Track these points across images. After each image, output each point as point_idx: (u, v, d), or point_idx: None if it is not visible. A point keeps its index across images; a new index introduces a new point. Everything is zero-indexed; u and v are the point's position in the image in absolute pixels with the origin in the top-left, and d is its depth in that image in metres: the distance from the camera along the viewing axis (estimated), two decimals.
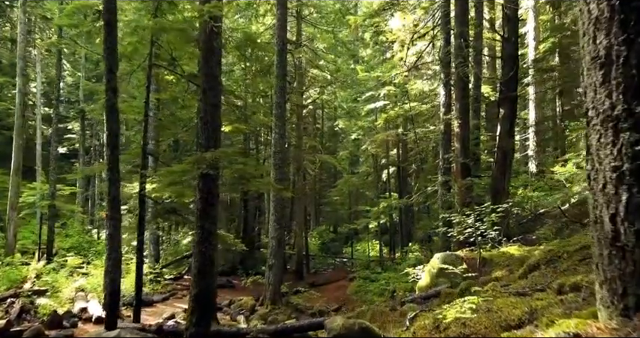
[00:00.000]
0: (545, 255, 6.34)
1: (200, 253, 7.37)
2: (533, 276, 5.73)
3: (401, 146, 24.98)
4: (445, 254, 9.42)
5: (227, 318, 13.32)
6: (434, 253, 18.19)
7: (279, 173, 14.72)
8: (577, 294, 3.70)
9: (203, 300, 7.28)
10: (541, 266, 6.19)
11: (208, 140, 7.51)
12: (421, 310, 5.53)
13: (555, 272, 5.65)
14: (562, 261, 5.94)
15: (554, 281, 5.07)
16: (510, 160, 13.18)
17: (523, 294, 4.62)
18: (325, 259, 27.10)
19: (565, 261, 5.88)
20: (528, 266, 6.39)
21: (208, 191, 7.50)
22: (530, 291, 4.77)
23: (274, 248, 14.56)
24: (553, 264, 6.07)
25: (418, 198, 14.60)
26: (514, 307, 3.90)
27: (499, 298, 4.50)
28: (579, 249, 5.95)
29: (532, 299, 4.13)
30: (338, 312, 15.40)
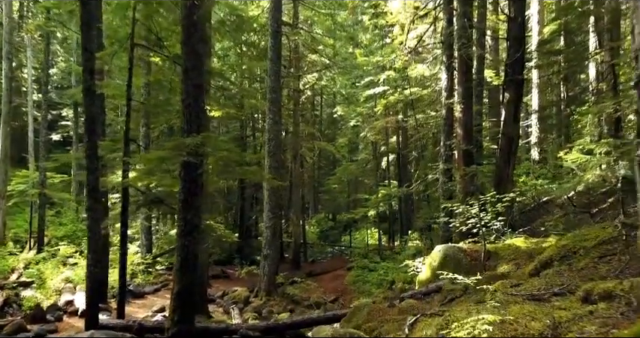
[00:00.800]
0: (559, 251, 5.72)
1: (182, 247, 6.76)
2: (547, 275, 5.11)
3: (401, 133, 24.27)
4: (446, 246, 8.81)
5: (220, 310, 12.79)
6: (434, 242, 17.67)
7: (274, 161, 14.09)
8: (609, 304, 3.08)
9: (185, 298, 6.68)
10: (555, 262, 5.58)
11: (190, 125, 6.84)
12: (421, 314, 4.93)
13: (571, 270, 5.04)
14: (578, 257, 5.32)
15: (573, 282, 4.46)
16: (515, 147, 12.51)
17: (540, 298, 4.01)
18: (323, 247, 26.59)
19: (581, 257, 5.26)
20: (540, 262, 5.78)
21: (191, 179, 6.86)
22: (547, 294, 4.16)
23: (269, 238, 13.99)
24: (567, 260, 5.46)
25: (418, 187, 13.97)
26: (533, 318, 3.29)
27: (513, 304, 3.88)
28: (597, 245, 5.33)
29: (553, 307, 3.52)
30: (335, 303, 14.90)
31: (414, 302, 7.48)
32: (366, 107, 24.20)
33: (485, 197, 8.34)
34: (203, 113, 6.99)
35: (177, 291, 6.70)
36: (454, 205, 9.31)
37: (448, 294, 7.13)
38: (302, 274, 18.40)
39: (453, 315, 3.96)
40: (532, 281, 5.07)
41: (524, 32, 13.20)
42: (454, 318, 3.88)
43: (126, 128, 9.11)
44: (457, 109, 12.80)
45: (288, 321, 8.23)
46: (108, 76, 19.82)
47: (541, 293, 4.26)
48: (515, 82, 12.42)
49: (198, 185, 6.97)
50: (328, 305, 14.21)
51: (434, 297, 7.52)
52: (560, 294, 4.03)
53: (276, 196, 14.09)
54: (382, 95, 22.02)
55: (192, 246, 6.82)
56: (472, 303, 5.25)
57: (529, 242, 8.56)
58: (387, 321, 6.67)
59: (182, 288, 6.72)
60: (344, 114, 27.98)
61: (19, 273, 14.26)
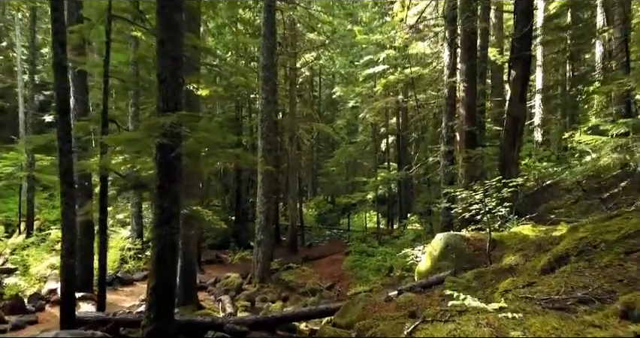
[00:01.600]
0: (576, 243, 5.05)
1: (159, 237, 6.10)
2: (565, 273, 4.45)
3: (401, 114, 23.50)
4: (448, 234, 8.17)
5: (212, 298, 12.24)
6: (434, 227, 17.08)
7: (267, 143, 13.39)
8: None
9: (163, 293, 6.06)
10: (571, 257, 4.91)
11: (167, 102, 6.11)
12: (422, 321, 4.29)
13: (593, 268, 4.38)
14: (599, 253, 4.66)
15: (598, 284, 3.80)
16: (521, 128, 11.76)
17: (563, 307, 3.35)
18: (321, 231, 26.05)
19: (604, 253, 4.59)
20: (554, 256, 5.11)
21: (168, 163, 6.17)
22: (570, 300, 3.50)
23: (262, 223, 13.37)
24: (587, 255, 4.79)
25: (418, 170, 13.29)
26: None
27: (531, 315, 3.22)
28: (622, 239, 4.66)
29: (583, 323, 2.85)
30: (331, 290, 14.36)
31: (413, 296, 6.86)
32: (365, 87, 23.35)
33: (491, 181, 7.64)
34: (180, 90, 6.25)
35: (154, 285, 6.07)
36: (457, 190, 8.63)
37: (450, 288, 6.49)
38: (298, 259, 17.88)
39: (460, 329, 3.31)
40: (548, 279, 4.41)
41: (532, 6, 12.33)
42: (461, 333, 3.22)
43: (104, 107, 8.37)
44: (459, 88, 12.04)
45: (278, 315, 7.65)
46: (98, 53, 18.99)
47: (563, 298, 3.60)
48: (522, 59, 11.61)
49: (176, 170, 6.28)
50: (324, 292, 13.68)
51: (434, 291, 6.90)
52: (586, 302, 3.38)
53: (269, 180, 13.41)
54: (382, 74, 21.16)
55: (170, 237, 6.17)
56: None
57: (537, 230, 7.91)
58: (383, 318, 6.04)
59: (160, 282, 6.09)
60: (343, 95, 27.10)
61: (4, 258, 13.70)
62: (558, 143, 22.00)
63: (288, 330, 7.86)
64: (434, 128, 21.09)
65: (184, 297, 10.53)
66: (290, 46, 19.20)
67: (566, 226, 7.57)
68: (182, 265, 10.54)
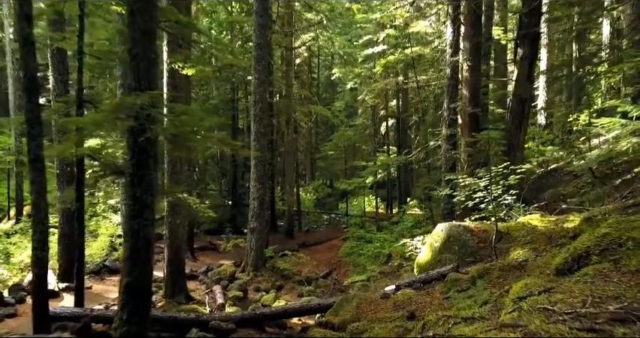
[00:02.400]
0: (598, 241, 4.41)
1: (132, 231, 5.48)
2: (587, 277, 3.83)
3: (401, 96, 22.70)
4: (450, 225, 7.55)
5: (202, 288, 11.72)
6: (434, 213, 16.48)
7: (261, 126, 12.69)
8: None
9: (137, 292, 5.47)
10: (592, 257, 4.28)
11: (139, 81, 5.42)
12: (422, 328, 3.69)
13: (620, 272, 3.75)
14: (627, 253, 4.03)
15: (631, 295, 3.19)
16: (528, 110, 11.08)
17: (594, 328, 2.73)
18: (320, 216, 25.50)
19: (632, 254, 3.96)
20: (571, 254, 4.49)
21: (140, 150, 5.50)
22: (601, 316, 2.88)
23: (256, 210, 12.77)
24: (611, 255, 4.16)
25: (418, 154, 12.62)
26: None
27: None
28: None
29: None
30: (327, 278, 13.84)
31: (412, 293, 6.29)
32: (364, 68, 22.52)
33: (497, 168, 7.00)
34: (153, 67, 5.55)
35: (126, 283, 5.47)
36: (460, 177, 7.99)
37: (453, 285, 5.91)
38: (295, 245, 17.34)
39: None
40: (568, 284, 3.79)
41: None
42: None
43: (78, 87, 7.66)
44: (463, 67, 11.30)
45: (267, 312, 7.10)
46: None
47: (591, 312, 2.98)
48: (531, 36, 10.85)
49: (150, 156, 5.62)
50: (320, 280, 13.15)
51: (435, 287, 6.32)
52: (622, 320, 2.76)
53: (262, 165, 12.76)
54: (382, 54, 20.32)
55: (144, 230, 5.55)
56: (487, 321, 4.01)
57: (546, 220, 7.29)
58: (379, 320, 5.47)
59: (133, 280, 5.49)
60: (342, 76, 26.23)
61: None
62: (563, 126, 21.28)
63: (278, 326, 7.31)
64: (435, 110, 20.35)
65: (172, 287, 10.01)
66: (286, 25, 18.33)
67: (577, 216, 6.95)
68: (170, 255, 10.00)
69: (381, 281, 12.01)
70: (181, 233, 10.20)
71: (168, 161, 9.90)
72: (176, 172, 9.95)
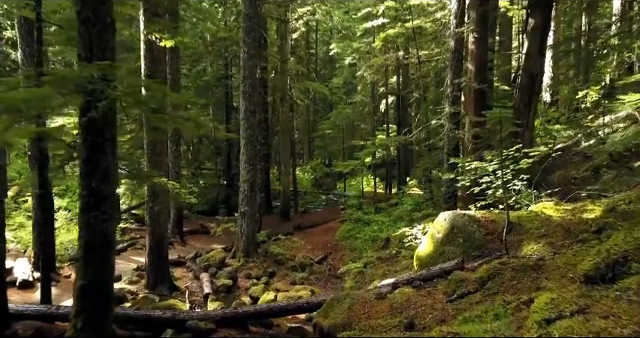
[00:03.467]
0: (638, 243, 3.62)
1: (87, 226, 4.69)
2: (630, 292, 3.04)
3: (401, 72, 21.64)
4: (454, 214, 6.75)
5: (190, 275, 11.02)
6: (434, 195, 15.70)
7: (250, 104, 11.78)
8: None
9: (94, 295, 4.72)
10: (632, 264, 3.49)
11: (90, 49, 4.53)
12: None
13: None
14: None
15: None
16: (539, 86, 10.17)
17: None
18: (317, 196, 24.76)
19: None
20: (604, 259, 3.69)
21: (95, 132, 4.66)
22: None
23: (246, 193, 11.98)
24: None
25: (419, 134, 11.75)
26: None
27: None
28: None
29: None
30: (322, 263, 13.15)
31: (411, 293, 5.53)
32: (363, 43, 21.37)
33: (509, 151, 6.15)
34: (108, 33, 4.66)
35: (81, 286, 4.70)
36: (465, 161, 7.15)
37: (458, 287, 5.15)
38: (290, 228, 16.64)
39: None
40: (607, 302, 3.00)
41: None
42: None
43: (37, 59, 6.76)
44: (469, 39, 10.31)
45: (250, 310, 6.38)
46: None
47: None
48: (543, 5, 9.86)
49: (108, 140, 4.78)
50: (314, 266, 12.48)
51: (438, 286, 5.56)
52: None
53: (253, 145, 11.90)
54: (381, 28, 19.19)
55: (101, 225, 4.75)
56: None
57: (561, 209, 6.48)
58: (373, 328, 4.73)
59: (89, 281, 4.72)
60: (340, 51, 25.06)
61: None
62: (569, 104, 20.31)
63: (263, 325, 6.60)
64: (436, 87, 19.35)
65: (154, 277, 9.31)
66: None
67: (597, 205, 6.15)
68: (151, 242, 9.25)
69: (379, 267, 11.32)
70: (163, 219, 9.43)
71: (147, 141, 9.05)
72: (157, 153, 9.11)
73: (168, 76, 13.66)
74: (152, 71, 8.89)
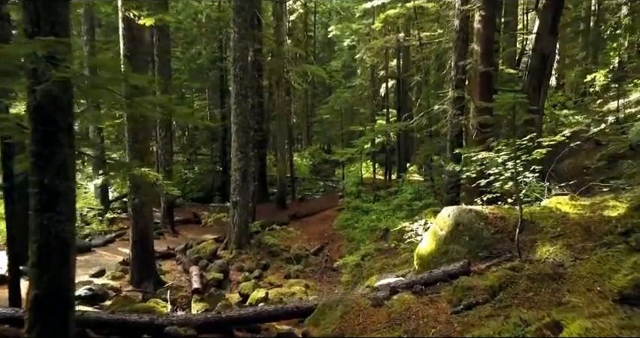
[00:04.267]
0: None
1: (39, 228, 4.04)
2: None
3: (402, 55, 20.77)
4: (459, 209, 6.10)
5: (179, 269, 10.45)
6: (436, 183, 15.03)
7: (242, 87, 11.05)
8: None
9: (49, 306, 4.10)
10: None
11: (37, 23, 3.83)
12: None
13: None
14: None
15: None
16: (550, 67, 9.45)
17: None
18: (315, 182, 24.11)
19: None
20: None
21: (46, 119, 3.98)
22: None
23: (238, 183, 11.34)
24: None
25: (420, 120, 11.03)
26: None
27: None
28: None
29: None
30: (319, 255, 12.58)
31: (411, 299, 4.92)
32: (362, 24, 20.46)
33: (522, 140, 5.47)
34: (58, 5, 3.94)
35: (35, 297, 4.08)
36: (472, 151, 6.47)
37: (465, 295, 4.53)
38: (285, 216, 16.04)
39: None
40: None
41: None
42: None
43: None
44: (475, 18, 9.53)
45: (235, 315, 5.79)
46: None
47: None
48: None
49: (61, 128, 4.09)
50: (310, 258, 11.90)
51: (441, 292, 4.94)
52: None
53: (245, 131, 11.19)
54: (381, 9, 18.30)
55: (57, 227, 4.10)
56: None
57: (578, 205, 5.83)
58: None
59: (44, 292, 4.10)
60: (339, 33, 24.11)
61: None
62: (576, 88, 19.53)
63: (249, 330, 6.01)
64: (437, 71, 18.54)
65: (139, 273, 8.72)
66: None
67: (620, 201, 5.48)
68: (135, 236, 8.64)
69: (377, 260, 10.73)
70: (147, 211, 8.79)
71: (128, 128, 8.36)
72: (139, 141, 8.43)
73: (155, 58, 12.92)
74: (132, 52, 8.17)
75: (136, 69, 8.27)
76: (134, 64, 8.22)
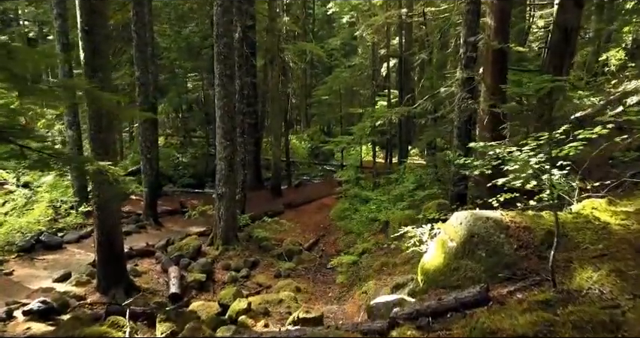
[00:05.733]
0: None
1: None
2: None
3: (404, 33, 19.31)
4: (473, 216, 4.95)
5: (157, 268, 9.41)
6: (439, 170, 13.83)
7: (226, 68, 9.82)
8: None
9: None
10: None
11: None
12: None
13: None
14: None
15: None
16: (574, 44, 8.16)
17: None
18: (313, 167, 22.97)
19: None
20: None
21: None
22: None
23: (224, 173, 10.22)
24: None
25: (425, 104, 9.76)
26: None
27: None
28: None
29: None
30: (313, 249, 11.55)
31: (415, 336, 3.83)
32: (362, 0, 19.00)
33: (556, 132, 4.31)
34: None
35: None
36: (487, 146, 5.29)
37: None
38: (280, 205, 14.96)
39: None
40: None
41: None
42: None
43: None
44: None
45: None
46: None
47: None
48: None
49: None
50: (304, 254, 10.88)
51: (453, 330, 3.84)
52: None
53: (230, 116, 10.00)
54: None
55: None
56: None
57: (620, 212, 4.69)
58: None
59: None
60: (338, 10, 22.58)
61: None
62: (588, 67, 18.12)
63: None
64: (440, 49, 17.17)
65: (106, 279, 7.68)
66: None
67: None
68: (100, 237, 7.57)
69: (376, 257, 9.68)
70: (114, 208, 7.69)
71: (90, 115, 7.20)
72: (102, 130, 7.26)
73: (134, 34, 11.63)
74: (91, 26, 6.93)
75: (96, 45, 7.08)
76: (93, 39, 7.02)
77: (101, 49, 7.17)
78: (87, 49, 7.07)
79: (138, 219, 12.36)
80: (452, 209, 8.33)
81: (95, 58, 7.11)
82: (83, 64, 7.13)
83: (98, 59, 7.14)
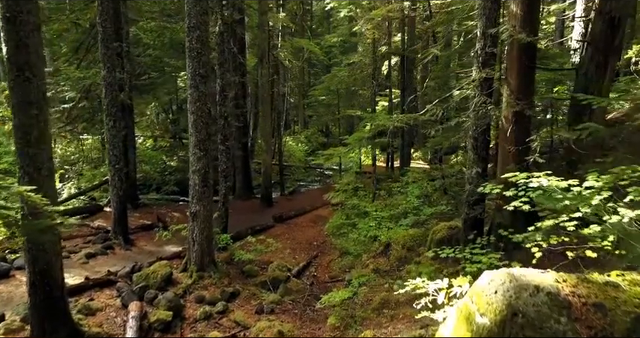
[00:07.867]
0: None
1: None
2: None
3: (407, 29, 17.70)
4: (515, 283, 3.36)
5: (117, 303, 7.84)
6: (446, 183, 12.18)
7: (199, 66, 8.27)
8: None
9: None
10: None
11: None
12: None
13: None
14: None
15: None
16: (621, 37, 6.57)
17: None
18: (311, 171, 21.41)
19: None
20: None
21: None
22: None
23: (197, 188, 8.68)
24: None
25: (435, 109, 8.16)
26: None
27: None
28: None
29: None
30: (303, 275, 10.01)
31: None
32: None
33: None
34: None
35: None
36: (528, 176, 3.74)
37: None
38: (269, 218, 13.42)
39: None
40: None
41: None
42: None
43: None
44: None
45: None
46: None
47: None
48: None
49: None
50: (292, 282, 9.33)
51: None
52: None
53: (204, 122, 8.44)
54: None
55: None
56: None
57: None
58: None
59: None
60: (336, 5, 20.96)
61: None
62: None
63: None
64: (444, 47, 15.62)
65: (41, 326, 6.12)
66: None
67: None
68: (34, 277, 6.03)
69: (375, 290, 8.13)
70: (52, 240, 6.14)
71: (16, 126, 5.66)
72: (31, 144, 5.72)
73: (99, 28, 10.07)
74: (14, 12, 5.41)
75: (22, 37, 5.55)
76: (18, 30, 5.48)
77: (28, 42, 5.63)
78: (10, 41, 5.55)
79: (106, 237, 10.82)
80: (468, 239, 6.79)
81: (20, 53, 5.58)
82: (6, 61, 5.61)
83: (24, 55, 5.60)
